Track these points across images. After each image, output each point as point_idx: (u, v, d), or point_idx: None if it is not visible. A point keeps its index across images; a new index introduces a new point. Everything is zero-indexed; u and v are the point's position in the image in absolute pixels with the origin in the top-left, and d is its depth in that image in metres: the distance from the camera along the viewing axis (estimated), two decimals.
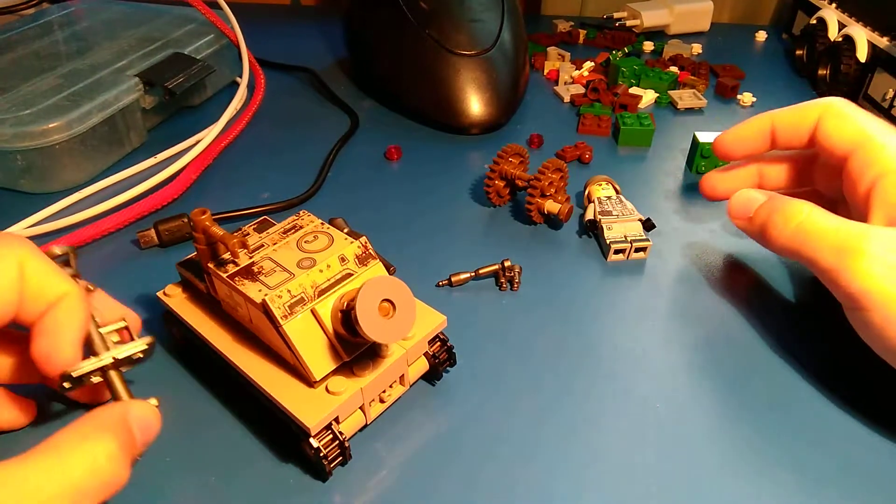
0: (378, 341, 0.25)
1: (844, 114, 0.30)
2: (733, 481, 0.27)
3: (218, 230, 0.26)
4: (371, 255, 0.28)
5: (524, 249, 0.41)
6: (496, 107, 0.53)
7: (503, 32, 0.54)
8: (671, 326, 0.35)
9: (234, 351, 0.28)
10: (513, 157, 0.43)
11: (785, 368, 0.32)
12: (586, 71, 0.62)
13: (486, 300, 0.37)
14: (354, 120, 0.55)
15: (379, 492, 0.27)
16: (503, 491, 0.27)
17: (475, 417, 0.30)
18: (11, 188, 0.45)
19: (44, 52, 0.52)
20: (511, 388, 0.31)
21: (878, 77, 0.54)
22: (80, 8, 0.61)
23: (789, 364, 0.33)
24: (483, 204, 0.45)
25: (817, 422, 0.30)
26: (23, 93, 0.46)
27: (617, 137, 0.53)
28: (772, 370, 0.32)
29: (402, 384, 0.30)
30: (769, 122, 0.33)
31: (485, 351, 0.33)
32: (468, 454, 0.28)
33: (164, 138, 0.50)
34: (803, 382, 0.32)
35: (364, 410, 0.28)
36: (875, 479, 0.27)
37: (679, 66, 0.63)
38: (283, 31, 0.74)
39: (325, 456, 0.26)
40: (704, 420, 0.30)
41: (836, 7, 0.62)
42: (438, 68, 0.52)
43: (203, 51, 0.55)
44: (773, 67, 0.66)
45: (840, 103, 0.31)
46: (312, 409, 0.26)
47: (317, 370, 0.26)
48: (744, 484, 0.27)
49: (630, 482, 0.27)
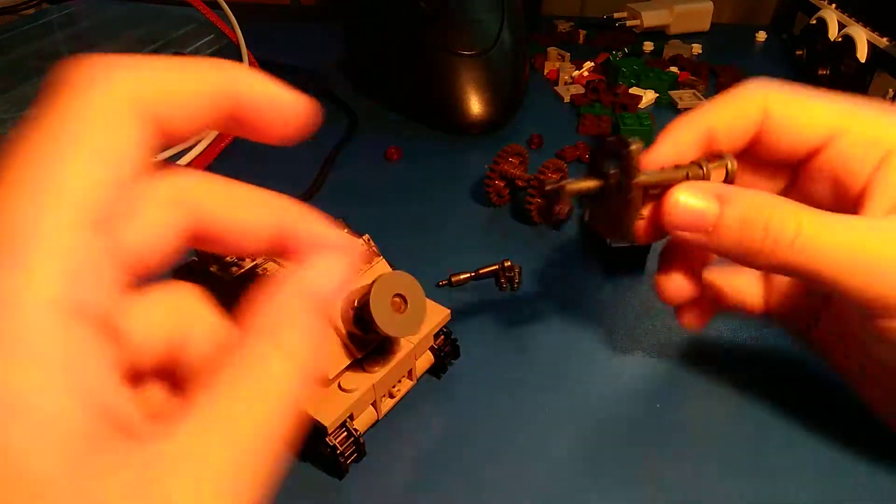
0: (392, 336, 0.25)
1: (798, 96, 0.25)
2: (734, 481, 0.27)
3: None
4: (375, 253, 0.28)
5: (524, 249, 0.41)
6: (496, 107, 0.53)
7: (503, 32, 0.54)
8: (671, 326, 0.35)
9: None
10: (513, 157, 0.43)
11: (786, 367, 0.32)
12: (586, 71, 0.62)
13: (486, 300, 0.37)
14: (354, 120, 0.55)
15: (395, 485, 0.27)
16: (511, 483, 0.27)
17: (482, 411, 0.30)
18: None
19: (44, 52, 0.53)
20: (512, 385, 0.31)
21: (878, 77, 0.54)
22: (80, 8, 0.61)
23: (791, 363, 0.33)
24: (483, 204, 0.45)
25: (820, 420, 0.30)
26: (23, 93, 0.46)
27: None
28: (772, 369, 0.32)
29: (411, 378, 0.30)
30: (703, 127, 0.25)
31: (486, 349, 0.33)
32: (478, 446, 0.29)
33: None
34: (805, 381, 0.32)
35: (376, 406, 0.28)
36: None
37: (679, 67, 0.63)
38: (283, 32, 0.74)
39: (341, 453, 0.26)
40: (705, 420, 0.30)
41: (836, 7, 0.62)
42: (439, 68, 0.52)
43: (203, 51, 0.55)
44: (773, 68, 0.66)
45: (777, 87, 0.25)
46: (327, 408, 0.26)
47: (329, 369, 0.26)
48: (746, 484, 0.27)
49: (630, 481, 0.27)
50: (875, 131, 0.24)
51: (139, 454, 0.12)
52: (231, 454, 0.13)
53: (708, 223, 0.23)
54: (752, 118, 0.25)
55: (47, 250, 0.13)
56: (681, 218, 0.23)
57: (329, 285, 0.16)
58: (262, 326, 0.15)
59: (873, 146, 0.23)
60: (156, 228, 0.15)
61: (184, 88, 0.15)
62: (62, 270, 0.13)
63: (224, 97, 0.16)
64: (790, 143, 0.25)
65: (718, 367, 0.33)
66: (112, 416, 0.12)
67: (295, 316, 0.15)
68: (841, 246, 0.22)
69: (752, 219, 0.23)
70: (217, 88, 0.16)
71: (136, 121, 0.14)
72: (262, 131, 0.18)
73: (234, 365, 0.14)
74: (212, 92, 0.15)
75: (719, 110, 0.25)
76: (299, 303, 0.15)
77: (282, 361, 0.14)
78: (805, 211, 0.23)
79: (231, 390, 0.14)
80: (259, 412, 0.14)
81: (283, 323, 0.15)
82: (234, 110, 0.16)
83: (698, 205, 0.23)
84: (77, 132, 0.13)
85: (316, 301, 0.16)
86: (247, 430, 0.13)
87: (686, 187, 0.24)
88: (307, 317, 0.15)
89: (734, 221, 0.23)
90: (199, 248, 0.18)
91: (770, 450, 0.29)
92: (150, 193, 0.15)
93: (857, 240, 0.22)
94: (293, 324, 0.15)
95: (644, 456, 0.28)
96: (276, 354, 0.14)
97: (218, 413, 0.13)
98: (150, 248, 0.15)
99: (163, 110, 0.15)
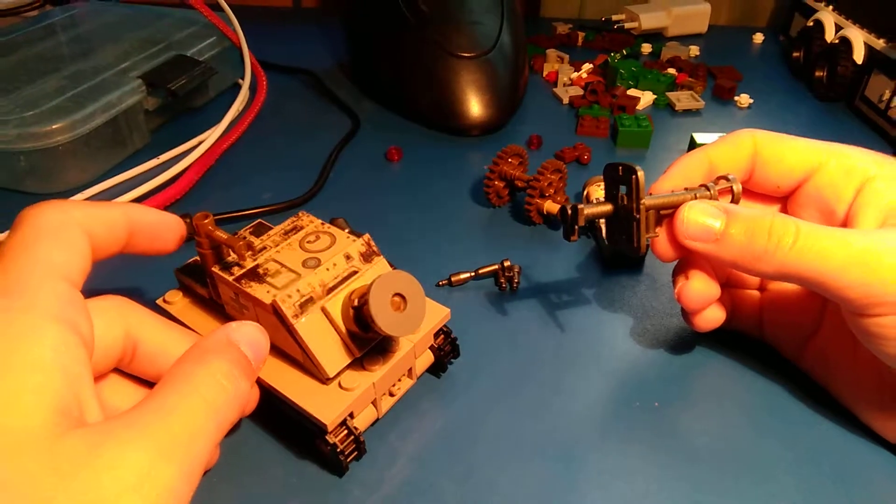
0: (392, 335, 0.25)
1: (782, 137, 0.29)
2: (734, 481, 0.28)
3: (222, 234, 0.27)
4: (375, 252, 0.28)
5: (524, 249, 0.41)
6: (496, 108, 0.53)
7: (503, 35, 0.55)
8: (671, 326, 0.35)
9: None
10: (512, 158, 0.44)
11: (787, 366, 0.33)
12: (585, 73, 0.63)
13: (485, 300, 0.37)
14: (355, 121, 0.55)
15: (395, 483, 0.27)
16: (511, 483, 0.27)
17: (482, 410, 0.30)
18: (15, 189, 0.46)
19: (47, 53, 0.53)
20: (512, 385, 0.32)
21: (875, 79, 0.55)
22: (82, 10, 0.62)
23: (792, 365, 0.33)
24: (483, 204, 0.45)
25: (820, 420, 0.30)
26: (26, 94, 0.46)
27: (615, 139, 0.53)
28: (774, 369, 0.33)
29: (410, 377, 0.30)
30: (705, 160, 0.30)
31: (486, 349, 0.34)
32: (478, 446, 0.29)
33: (167, 139, 0.51)
34: (807, 379, 0.32)
35: (376, 405, 0.28)
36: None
37: (677, 68, 0.63)
38: (284, 34, 0.74)
39: (341, 451, 0.26)
40: (704, 419, 0.30)
41: (833, 9, 0.62)
42: (439, 70, 0.53)
43: (205, 53, 0.55)
44: (771, 69, 0.67)
45: (762, 131, 0.30)
46: (328, 407, 0.26)
47: (330, 367, 0.26)
48: (746, 485, 0.27)
49: (629, 481, 0.28)
50: (850, 162, 0.28)
51: (89, 436, 0.18)
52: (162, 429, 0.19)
53: (716, 233, 0.26)
54: (746, 152, 0.29)
55: (48, 288, 0.20)
56: (692, 229, 0.27)
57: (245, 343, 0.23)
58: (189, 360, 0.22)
59: (850, 175, 0.27)
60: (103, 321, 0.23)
61: (104, 213, 0.24)
62: (58, 298, 0.20)
63: (127, 219, 0.25)
64: (778, 175, 0.29)
65: (719, 368, 0.33)
66: (72, 412, 0.18)
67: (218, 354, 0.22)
68: (836, 247, 0.24)
69: (755, 227, 0.26)
70: (123, 213, 0.24)
71: (82, 233, 0.23)
72: (153, 241, 0.26)
73: (168, 382, 0.20)
74: (122, 214, 0.24)
75: (718, 146, 0.30)
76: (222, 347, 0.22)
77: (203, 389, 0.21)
78: (801, 221, 0.26)
79: (162, 398, 0.20)
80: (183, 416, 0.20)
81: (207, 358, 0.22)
82: (134, 227, 0.25)
83: (706, 217, 0.27)
84: (50, 232, 0.22)
85: (234, 350, 0.22)
86: (171, 423, 0.19)
87: (695, 203, 0.27)
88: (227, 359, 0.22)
89: (739, 231, 0.26)
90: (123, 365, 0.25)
91: (771, 450, 0.29)
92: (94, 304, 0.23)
93: (850, 241, 0.25)
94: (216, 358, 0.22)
95: (644, 456, 0.29)
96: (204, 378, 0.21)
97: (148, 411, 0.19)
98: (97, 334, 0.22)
99: (94, 227, 0.23)
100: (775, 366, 0.33)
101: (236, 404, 0.21)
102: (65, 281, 0.20)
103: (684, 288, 0.30)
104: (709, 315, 0.30)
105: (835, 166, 0.28)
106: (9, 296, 0.19)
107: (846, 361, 0.29)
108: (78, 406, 0.18)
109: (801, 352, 0.32)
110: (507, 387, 0.32)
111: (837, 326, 0.29)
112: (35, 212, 0.22)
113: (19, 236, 0.21)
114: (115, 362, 0.24)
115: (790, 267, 0.25)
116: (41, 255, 0.21)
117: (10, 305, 0.19)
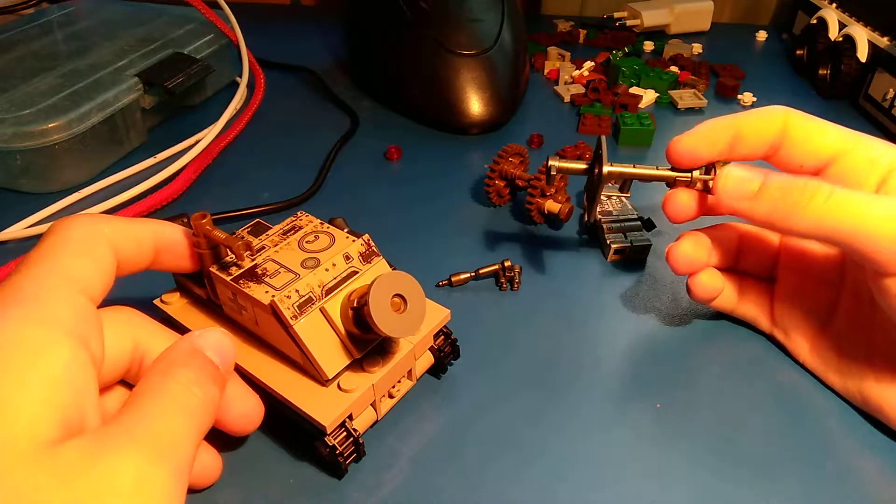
0: (391, 336, 0.25)
1: (814, 119, 0.29)
2: (735, 481, 0.27)
3: (220, 234, 0.26)
4: (374, 253, 0.28)
5: (524, 249, 0.41)
6: (496, 106, 0.53)
7: (503, 32, 0.54)
8: (671, 326, 0.35)
9: (240, 355, 0.28)
10: (513, 157, 0.43)
11: (787, 365, 0.32)
12: (586, 71, 0.62)
13: (486, 300, 0.37)
14: (354, 120, 0.55)
15: (394, 485, 0.27)
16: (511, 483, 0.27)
17: (482, 411, 0.30)
18: (11, 188, 0.45)
19: (43, 51, 0.52)
20: (512, 385, 0.31)
21: (879, 77, 0.54)
22: (79, 8, 0.61)
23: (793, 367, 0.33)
24: (483, 204, 0.45)
25: (824, 417, 0.30)
26: (22, 92, 0.46)
27: (617, 137, 0.53)
28: (774, 368, 0.32)
29: (410, 379, 0.30)
30: (734, 127, 0.30)
31: (486, 350, 0.33)
32: (477, 446, 0.29)
33: (164, 138, 0.50)
34: (807, 378, 0.32)
35: (375, 406, 0.28)
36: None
37: (679, 66, 0.63)
38: (283, 31, 0.74)
39: (340, 453, 0.26)
40: (705, 419, 0.30)
41: (837, 7, 0.62)
42: (438, 68, 0.52)
43: (203, 51, 0.55)
44: (774, 67, 0.66)
45: (795, 111, 0.30)
46: (327, 408, 0.26)
47: (329, 369, 0.26)
48: (746, 484, 0.27)
49: (629, 481, 0.27)
50: (875, 154, 0.28)
51: (85, 445, 0.18)
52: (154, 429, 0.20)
53: (752, 191, 0.27)
54: (776, 127, 0.29)
55: (65, 301, 0.20)
56: (731, 185, 0.28)
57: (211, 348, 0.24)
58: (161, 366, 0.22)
59: (874, 165, 0.28)
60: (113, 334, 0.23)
61: (133, 229, 0.25)
62: (73, 313, 0.20)
63: (156, 236, 0.26)
64: (803, 155, 0.29)
65: (719, 368, 0.33)
66: (75, 425, 0.19)
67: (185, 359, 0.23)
68: (870, 203, 0.25)
69: (790, 184, 0.27)
70: (152, 230, 0.26)
71: (108, 248, 0.23)
72: (180, 259, 0.27)
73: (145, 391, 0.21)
74: (150, 232, 0.26)
75: (749, 116, 0.30)
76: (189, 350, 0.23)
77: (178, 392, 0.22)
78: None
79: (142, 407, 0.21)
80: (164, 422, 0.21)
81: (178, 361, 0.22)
82: (161, 244, 0.26)
83: (746, 174, 0.28)
84: (77, 245, 0.22)
85: (199, 357, 0.23)
86: (157, 427, 0.20)
87: (733, 166, 0.28)
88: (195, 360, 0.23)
89: (775, 188, 0.27)
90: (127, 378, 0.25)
91: (773, 449, 0.29)
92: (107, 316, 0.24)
93: (884, 200, 0.25)
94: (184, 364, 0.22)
95: (646, 457, 0.28)
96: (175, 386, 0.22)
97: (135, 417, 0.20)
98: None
99: (122, 242, 0.24)
100: (778, 366, 0.32)
101: (211, 408, 0.22)
102: (83, 295, 0.21)
103: (672, 248, 0.31)
104: (704, 281, 0.32)
105: (860, 154, 0.28)
106: (26, 305, 0.20)
107: (860, 350, 0.29)
108: (80, 420, 0.19)
109: (812, 342, 0.32)
110: (507, 388, 0.31)
111: (853, 313, 0.30)
112: (65, 224, 0.23)
113: (46, 246, 0.22)
114: (123, 374, 0.25)
115: (823, 221, 0.25)
116: (63, 267, 0.21)
117: (27, 315, 0.19)
